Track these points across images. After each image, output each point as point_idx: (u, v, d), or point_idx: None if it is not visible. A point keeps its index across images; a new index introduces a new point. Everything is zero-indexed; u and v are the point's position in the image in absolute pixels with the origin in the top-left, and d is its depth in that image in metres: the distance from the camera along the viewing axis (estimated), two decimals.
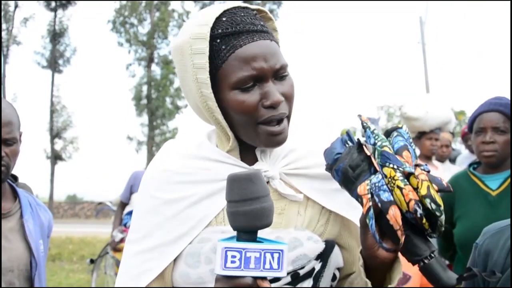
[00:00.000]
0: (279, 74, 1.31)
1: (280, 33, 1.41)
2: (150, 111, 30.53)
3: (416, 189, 1.13)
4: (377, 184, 1.15)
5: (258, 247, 1.08)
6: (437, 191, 1.13)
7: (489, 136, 2.81)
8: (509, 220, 1.55)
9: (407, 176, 1.14)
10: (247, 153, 1.39)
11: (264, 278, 1.10)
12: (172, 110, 30.56)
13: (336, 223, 1.41)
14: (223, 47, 1.28)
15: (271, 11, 31.68)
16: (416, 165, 1.16)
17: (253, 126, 1.30)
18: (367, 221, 1.14)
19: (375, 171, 1.18)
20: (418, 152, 5.24)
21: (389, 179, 1.14)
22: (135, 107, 30.93)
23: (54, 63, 33.38)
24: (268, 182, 1.37)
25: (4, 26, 32.25)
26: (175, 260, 1.33)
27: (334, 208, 1.40)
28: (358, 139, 1.22)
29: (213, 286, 1.12)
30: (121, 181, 10.99)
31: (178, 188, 1.35)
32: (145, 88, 31.07)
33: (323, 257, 1.35)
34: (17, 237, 2.21)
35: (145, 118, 31.17)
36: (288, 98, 1.32)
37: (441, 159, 5.59)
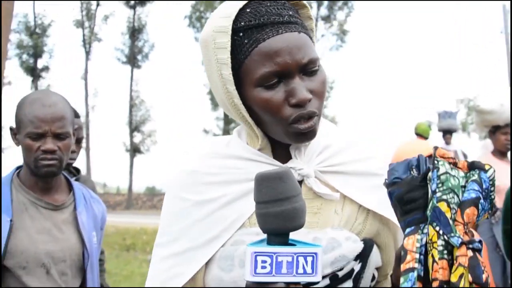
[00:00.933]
0: (307, 69, 1.21)
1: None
2: None
3: (452, 266, 1.01)
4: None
5: (290, 250, 1.01)
6: (471, 283, 0.99)
7: None
8: None
9: (452, 246, 1.02)
10: (280, 150, 1.32)
11: (297, 283, 1.03)
12: None
13: (374, 221, 1.33)
14: (245, 41, 1.20)
15: (345, 3, 31.20)
16: (463, 243, 1.01)
17: (280, 125, 1.22)
18: (403, 279, 1.04)
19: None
20: (497, 202, 4.99)
21: (429, 241, 1.04)
22: (210, 101, 31.46)
23: (133, 58, 34.54)
24: (302, 181, 1.30)
25: (86, 24, 33.63)
26: (207, 263, 1.27)
27: (372, 207, 1.31)
28: (426, 170, 1.10)
29: None
30: None
31: (208, 189, 1.29)
32: None
33: (362, 257, 1.27)
34: (71, 229, 2.26)
35: (220, 111, 31.63)
36: (318, 95, 1.23)
37: None
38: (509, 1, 18.80)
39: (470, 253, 1.00)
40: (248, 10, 1.22)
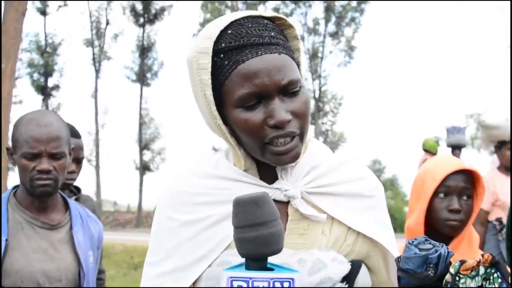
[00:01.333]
0: (287, 90, 1.20)
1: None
2: None
3: None
4: None
5: (266, 276, 1.00)
6: None
7: None
8: None
9: None
10: (267, 171, 1.31)
11: None
12: None
13: (364, 243, 1.31)
14: (225, 62, 1.21)
15: (353, 19, 31.28)
16: None
17: (259, 146, 1.22)
18: None
19: None
20: None
21: None
22: None
23: (142, 76, 34.73)
24: (289, 202, 1.29)
25: (96, 42, 33.94)
26: (194, 283, 1.28)
27: (361, 229, 1.30)
28: (443, 270, 1.07)
29: None
30: None
31: (195, 209, 1.29)
32: None
33: (349, 279, 1.26)
34: (66, 248, 2.26)
35: None
36: (300, 115, 1.22)
37: None
38: (509, 1, 18.69)
39: None
40: (229, 31, 1.22)
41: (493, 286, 1.05)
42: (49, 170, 2.16)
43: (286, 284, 1.00)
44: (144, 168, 34.53)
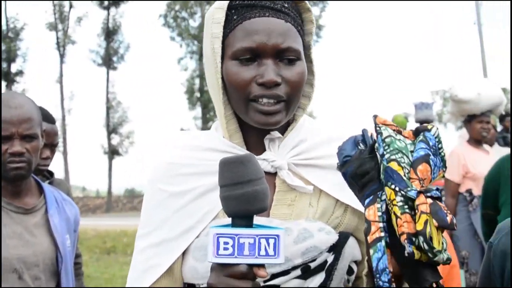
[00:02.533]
0: (284, 55, 1.24)
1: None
2: (203, 104, 30.87)
3: (415, 221, 1.00)
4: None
5: (252, 232, 1.02)
6: (437, 228, 0.99)
7: None
8: None
9: (411, 200, 1.02)
10: (255, 143, 1.33)
11: (261, 266, 1.03)
12: None
13: (353, 216, 1.32)
14: (234, 17, 1.26)
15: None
16: (421, 192, 1.01)
17: (244, 102, 1.24)
18: (372, 251, 1.04)
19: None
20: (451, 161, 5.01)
21: (389, 202, 1.03)
22: (187, 101, 31.36)
23: (108, 60, 34.24)
24: (276, 173, 1.31)
25: (60, 26, 33.24)
26: (183, 254, 1.29)
27: (348, 201, 1.30)
28: (372, 142, 1.10)
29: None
30: None
31: (183, 180, 1.31)
32: (197, 81, 31.44)
33: (336, 249, 1.26)
34: (42, 232, 2.21)
35: (198, 110, 31.57)
36: (290, 83, 1.24)
37: (489, 143, 5.35)
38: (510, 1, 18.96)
39: (429, 200, 1.00)
40: None
41: (419, 139, 1.09)
42: (21, 152, 2.10)
43: (271, 241, 1.02)
44: (112, 152, 34.23)
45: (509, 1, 15.90)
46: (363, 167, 1.09)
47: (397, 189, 1.02)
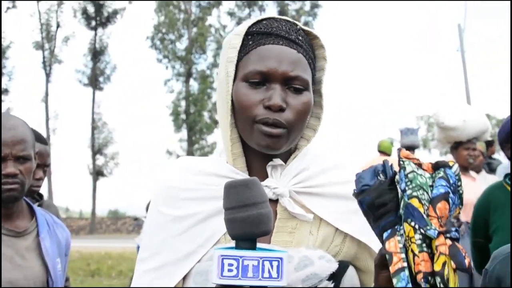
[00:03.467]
0: (292, 83, 1.28)
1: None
2: (188, 126, 30.85)
3: (433, 258, 1.01)
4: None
5: (256, 254, 1.04)
6: (455, 270, 1.01)
7: None
8: None
9: (429, 238, 1.03)
10: (258, 169, 1.35)
11: (263, 287, 1.04)
12: (210, 125, 30.80)
13: (353, 245, 1.34)
14: (250, 42, 1.31)
15: (306, 23, 31.75)
16: (441, 232, 1.02)
17: (250, 124, 1.27)
18: (396, 280, 1.03)
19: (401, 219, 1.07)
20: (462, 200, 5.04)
21: (407, 238, 1.04)
22: (173, 122, 31.31)
23: (95, 80, 34.18)
24: (277, 200, 1.32)
25: (46, 45, 33.18)
26: (184, 278, 1.29)
27: (348, 230, 1.33)
28: (392, 174, 1.11)
29: None
30: None
31: (185, 205, 1.32)
32: (183, 103, 31.46)
33: (336, 277, 1.28)
34: (34, 256, 2.19)
35: (184, 133, 31.53)
36: (295, 112, 1.27)
37: (476, 170, 5.41)
38: (464, 21, 19.31)
39: (448, 241, 1.01)
40: (264, 22, 1.33)
41: (439, 175, 1.09)
42: (15, 173, 2.09)
43: (275, 264, 1.04)
44: (97, 173, 33.96)
45: (509, 1, 16.11)
46: (381, 198, 1.09)
47: (416, 227, 1.03)
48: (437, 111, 5.11)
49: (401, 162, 1.10)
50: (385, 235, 1.08)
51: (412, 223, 1.04)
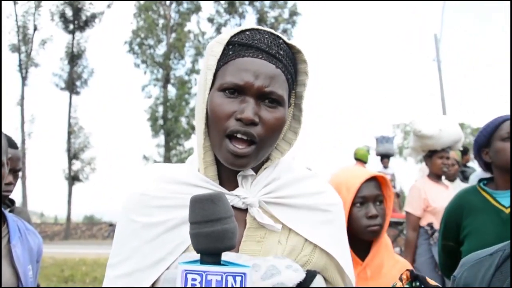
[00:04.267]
0: (266, 97, 1.28)
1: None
2: (166, 131, 30.69)
3: None
4: None
5: (219, 270, 1.04)
6: None
7: None
8: (487, 250, 1.45)
9: None
10: (229, 178, 1.36)
11: None
12: (187, 130, 30.68)
13: (322, 255, 1.36)
14: (230, 52, 1.31)
15: (285, 30, 31.87)
16: None
17: (220, 136, 1.28)
18: None
19: None
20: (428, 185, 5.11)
21: None
22: (150, 128, 31.12)
23: (71, 84, 33.80)
24: (247, 210, 1.33)
25: (23, 48, 32.75)
26: (153, 285, 1.30)
27: (316, 241, 1.35)
28: None
29: None
30: None
31: (156, 212, 1.32)
32: (161, 108, 31.29)
33: (302, 286, 1.29)
34: (4, 263, 2.16)
35: (161, 138, 31.33)
36: (267, 126, 1.28)
37: (451, 178, 5.48)
38: (440, 31, 19.57)
39: None
40: (247, 33, 1.33)
41: None
42: None
43: (238, 279, 1.04)
44: (73, 178, 33.56)
45: (509, 1, 16.29)
46: None
47: None
48: (414, 120, 5.19)
49: None
50: None
51: None
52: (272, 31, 1.37)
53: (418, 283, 1.12)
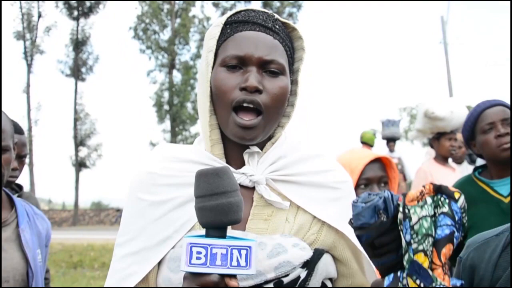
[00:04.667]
0: (268, 67, 1.30)
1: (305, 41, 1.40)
2: (171, 117, 30.71)
3: None
4: None
5: (224, 243, 1.05)
6: None
7: (503, 128, 2.62)
8: (493, 230, 1.44)
9: None
10: (235, 157, 1.36)
11: (232, 276, 1.06)
12: (193, 116, 30.68)
13: (330, 233, 1.35)
14: (228, 30, 1.34)
15: (290, 14, 31.70)
16: None
17: (227, 110, 1.29)
18: None
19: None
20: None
21: None
22: (156, 113, 31.14)
23: (77, 71, 33.83)
24: (254, 188, 1.33)
25: (28, 36, 32.73)
26: (159, 263, 1.31)
27: (325, 218, 1.33)
28: (394, 212, 1.07)
29: None
30: None
31: (163, 191, 1.33)
32: (166, 94, 31.28)
33: (309, 265, 1.28)
34: (13, 247, 2.17)
35: (167, 124, 31.37)
36: (272, 95, 1.29)
37: (458, 161, 5.45)
38: (447, 13, 19.44)
39: None
40: (242, 12, 1.37)
41: (444, 210, 1.06)
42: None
43: (243, 252, 1.05)
44: (80, 164, 33.69)
45: (509, 1, 16.18)
46: (382, 238, 1.07)
47: (422, 285, 1.01)
48: (425, 102, 5.13)
49: (407, 211, 1.06)
50: (386, 282, 1.06)
51: (418, 281, 1.01)
52: (266, 10, 1.40)
53: (440, 195, 1.07)
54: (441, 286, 1.00)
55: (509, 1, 16.31)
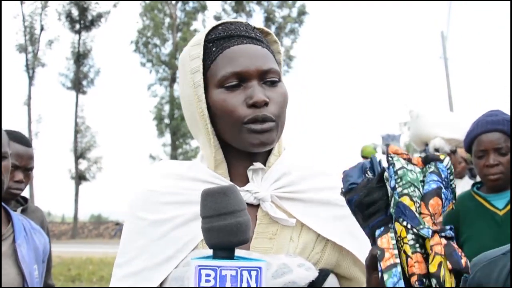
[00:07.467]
0: (267, 77, 1.29)
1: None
2: (172, 130, 30.74)
3: (427, 259, 0.96)
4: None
5: (234, 264, 1.01)
6: (451, 271, 0.95)
7: (493, 158, 2.67)
8: (499, 249, 1.42)
9: (422, 238, 0.98)
10: (239, 174, 1.33)
11: None
12: None
13: (334, 252, 1.32)
14: (213, 49, 1.30)
15: (292, 30, 31.85)
16: (435, 231, 0.97)
17: (237, 127, 1.26)
18: (387, 276, 0.98)
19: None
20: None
21: (399, 239, 0.99)
22: (156, 127, 31.18)
23: (78, 84, 33.95)
24: (258, 206, 1.30)
25: (30, 48, 32.88)
26: (162, 283, 1.27)
27: (330, 237, 1.30)
28: (380, 170, 1.07)
29: None
30: None
31: (164, 209, 1.30)
32: (166, 107, 31.36)
33: (315, 285, 1.25)
34: (9, 263, 2.13)
35: (167, 137, 31.40)
36: (277, 103, 1.28)
37: (459, 176, 5.42)
38: (447, 28, 19.55)
39: (443, 241, 0.96)
40: (220, 27, 1.33)
41: (430, 170, 1.05)
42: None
43: (253, 273, 1.01)
44: (79, 177, 33.68)
45: (509, 1, 16.29)
46: (370, 196, 1.05)
47: (409, 226, 0.98)
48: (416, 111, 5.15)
49: (390, 158, 1.06)
50: (377, 232, 1.04)
51: (404, 223, 0.99)
52: (240, 20, 1.39)
53: (430, 165, 1.06)
54: (430, 228, 0.97)
55: (509, 1, 16.42)
